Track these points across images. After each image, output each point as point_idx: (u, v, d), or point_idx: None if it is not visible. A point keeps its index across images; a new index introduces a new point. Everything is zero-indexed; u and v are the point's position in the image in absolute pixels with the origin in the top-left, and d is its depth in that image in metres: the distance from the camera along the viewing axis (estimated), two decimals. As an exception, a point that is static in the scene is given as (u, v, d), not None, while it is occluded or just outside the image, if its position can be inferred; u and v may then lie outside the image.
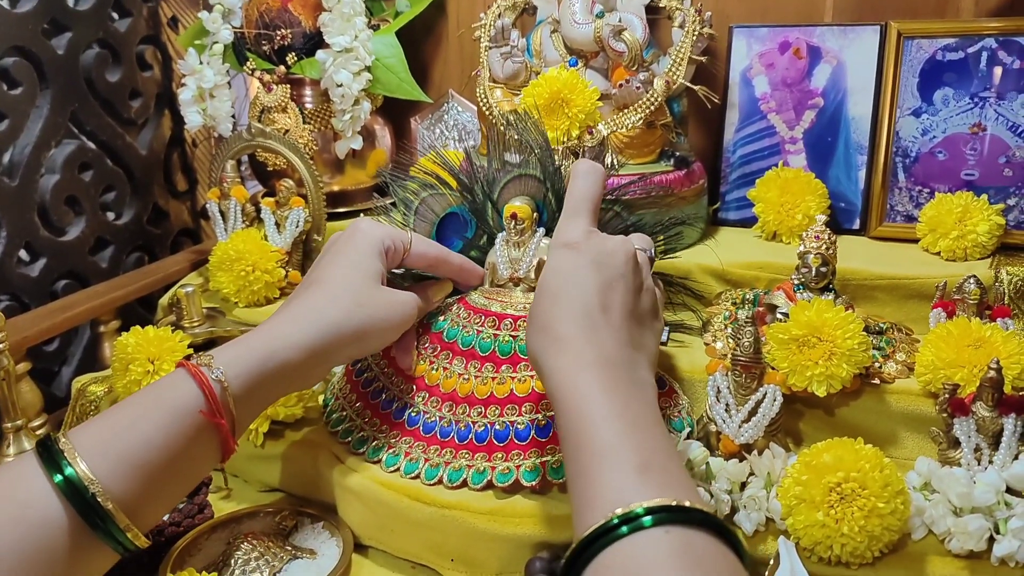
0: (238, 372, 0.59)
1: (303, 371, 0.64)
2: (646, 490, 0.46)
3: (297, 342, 0.62)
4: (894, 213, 1.00)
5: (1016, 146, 0.93)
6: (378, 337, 0.69)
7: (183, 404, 0.57)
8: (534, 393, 0.68)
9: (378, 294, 0.69)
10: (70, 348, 1.18)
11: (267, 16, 1.13)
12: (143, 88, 1.28)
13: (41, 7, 1.09)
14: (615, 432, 0.50)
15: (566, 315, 0.57)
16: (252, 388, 0.60)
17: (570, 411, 0.53)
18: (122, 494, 0.53)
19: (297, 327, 0.63)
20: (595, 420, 0.51)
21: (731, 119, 1.08)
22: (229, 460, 0.78)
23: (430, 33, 1.29)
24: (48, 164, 1.12)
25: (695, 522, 0.45)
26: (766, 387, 0.69)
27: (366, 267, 0.69)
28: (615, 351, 0.56)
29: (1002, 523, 0.61)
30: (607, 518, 0.45)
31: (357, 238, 0.70)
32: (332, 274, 0.68)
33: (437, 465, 0.68)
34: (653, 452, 0.49)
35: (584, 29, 0.97)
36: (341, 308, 0.65)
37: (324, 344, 0.64)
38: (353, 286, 0.67)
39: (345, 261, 0.69)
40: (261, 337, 0.62)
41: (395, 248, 0.72)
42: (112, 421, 0.56)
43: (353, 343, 0.66)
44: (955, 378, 0.69)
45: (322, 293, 0.66)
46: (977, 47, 0.95)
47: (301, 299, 0.66)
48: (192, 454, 0.57)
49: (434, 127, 1.26)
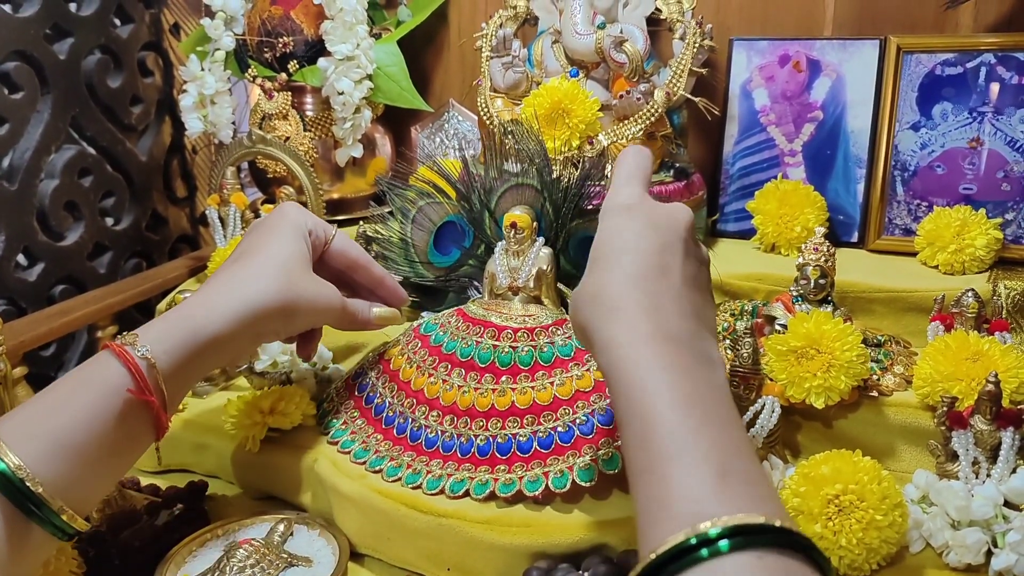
0: (165, 348, 0.58)
1: (232, 344, 0.62)
2: (727, 502, 0.40)
3: (224, 314, 0.61)
4: (892, 226, 1.00)
5: (1014, 161, 0.94)
6: (304, 318, 0.69)
7: (109, 384, 0.56)
8: (535, 405, 0.68)
9: (307, 275, 0.68)
10: (67, 353, 1.18)
11: (269, 23, 1.13)
12: (144, 94, 1.29)
13: (44, 12, 1.09)
14: (687, 426, 0.43)
15: (621, 280, 0.51)
16: (181, 363, 0.59)
17: (631, 394, 0.46)
18: (54, 478, 0.52)
19: (225, 299, 0.62)
20: (661, 409, 0.44)
21: (731, 131, 1.09)
22: (228, 469, 0.79)
23: (431, 42, 1.30)
24: (48, 169, 1.12)
25: (782, 544, 0.39)
26: (764, 399, 0.69)
27: (296, 247, 0.68)
28: (678, 322, 0.49)
29: (1000, 537, 0.61)
30: (686, 535, 0.39)
31: (286, 220, 0.69)
32: (263, 249, 0.67)
33: (440, 477, 0.68)
34: (733, 453, 0.43)
35: (585, 40, 0.97)
36: (272, 282, 0.64)
37: (253, 316, 0.62)
38: (285, 262, 0.66)
39: (276, 238, 0.68)
40: (188, 310, 0.61)
41: (317, 237, 0.71)
42: (39, 405, 0.55)
43: (280, 319, 0.65)
44: (953, 391, 0.69)
45: (253, 265, 0.65)
46: (976, 62, 0.95)
47: (230, 271, 0.65)
48: (124, 433, 0.56)
49: (434, 136, 1.26)
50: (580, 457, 0.65)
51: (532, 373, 0.69)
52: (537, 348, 0.70)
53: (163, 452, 0.82)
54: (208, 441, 0.81)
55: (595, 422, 0.66)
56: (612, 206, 0.56)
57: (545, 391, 0.68)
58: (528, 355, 0.70)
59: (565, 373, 0.69)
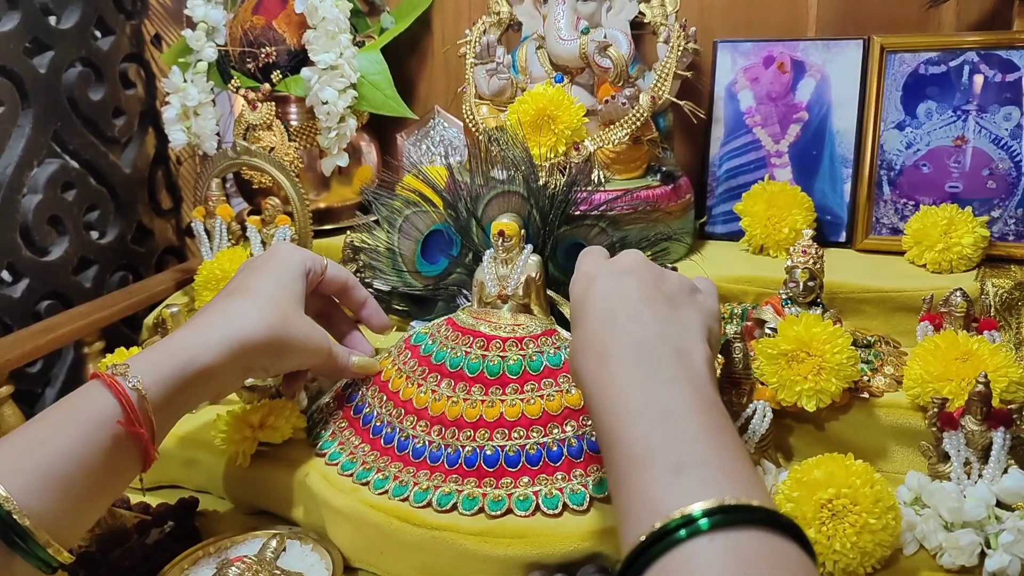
0: (156, 379, 0.58)
1: (221, 377, 0.63)
2: (681, 495, 0.41)
3: (215, 347, 0.61)
4: (880, 226, 1.01)
5: (999, 158, 0.94)
6: (294, 357, 0.69)
7: (99, 415, 0.55)
8: (524, 418, 0.67)
9: (299, 315, 0.69)
10: (54, 369, 1.17)
11: (251, 34, 1.13)
12: (126, 106, 1.28)
13: (23, 26, 1.08)
14: (644, 430, 0.46)
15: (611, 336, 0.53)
16: (171, 395, 0.59)
17: (606, 414, 0.49)
18: (40, 510, 0.51)
19: (218, 333, 0.62)
20: (624, 418, 0.47)
21: (717, 133, 1.09)
22: (219, 484, 0.78)
23: (415, 50, 1.29)
24: (30, 184, 1.11)
25: (763, 522, 0.39)
26: (756, 403, 0.69)
27: (292, 287, 0.69)
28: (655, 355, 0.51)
29: (993, 538, 0.61)
30: (664, 521, 0.40)
31: (281, 259, 0.71)
32: (257, 286, 0.67)
33: (427, 489, 0.67)
34: (684, 446, 0.44)
35: (569, 45, 0.97)
36: (265, 319, 0.65)
37: (243, 350, 0.63)
38: (279, 300, 0.67)
39: (271, 276, 0.69)
40: (180, 342, 0.61)
41: (314, 271, 0.74)
42: (27, 436, 0.54)
43: (270, 355, 0.66)
44: (943, 392, 0.70)
45: (247, 301, 0.66)
46: (959, 61, 0.96)
47: (223, 305, 0.66)
48: (112, 465, 0.56)
49: (420, 143, 1.26)
50: (570, 481, 0.65)
51: (521, 384, 0.69)
52: (526, 358, 0.70)
53: (152, 468, 0.81)
54: (198, 456, 0.81)
55: (584, 446, 0.66)
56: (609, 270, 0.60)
57: (534, 404, 0.68)
58: (517, 364, 0.69)
59: (555, 386, 0.68)
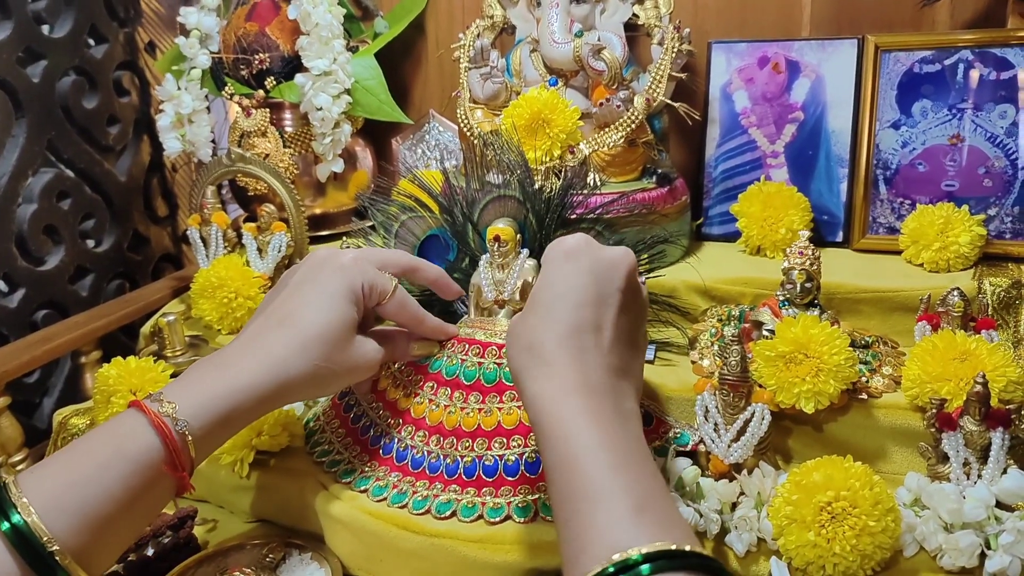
0: (201, 422, 0.57)
1: (260, 412, 0.62)
2: (642, 533, 0.44)
3: (260, 389, 0.59)
4: (876, 225, 1.00)
5: (994, 156, 0.94)
6: (335, 387, 0.68)
7: (145, 456, 0.55)
8: (522, 425, 0.67)
9: (349, 347, 0.64)
10: (51, 379, 1.17)
11: (245, 40, 1.13)
12: (121, 114, 1.27)
13: (16, 35, 1.08)
14: (606, 470, 0.48)
15: (556, 334, 0.55)
16: (211, 434, 0.58)
17: (556, 443, 0.50)
18: (78, 547, 0.51)
19: (261, 373, 0.60)
20: (584, 456, 0.49)
21: (712, 134, 1.08)
22: (217, 493, 0.78)
23: (409, 54, 1.29)
24: (25, 193, 1.11)
25: (694, 567, 0.43)
26: (754, 406, 0.69)
27: (343, 315, 0.64)
28: (601, 378, 0.54)
29: (993, 539, 0.61)
30: (603, 565, 0.43)
31: (337, 276, 0.65)
32: (305, 316, 0.63)
33: (426, 498, 0.67)
34: (647, 492, 0.47)
35: (563, 48, 0.97)
36: (310, 360, 0.61)
37: (288, 390, 0.61)
38: (327, 337, 0.62)
39: (321, 303, 0.63)
40: (224, 380, 0.59)
41: (371, 295, 0.66)
42: (69, 470, 0.53)
43: (311, 388, 0.64)
44: (942, 392, 0.69)
45: (293, 337, 0.62)
46: (954, 59, 0.95)
47: (268, 338, 0.62)
48: (149, 501, 0.56)
49: (416, 148, 1.25)
50: None
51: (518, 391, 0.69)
52: (523, 364, 0.70)
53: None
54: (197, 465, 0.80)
55: None
56: (556, 252, 0.59)
57: None
58: None
59: None
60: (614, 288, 0.58)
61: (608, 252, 0.59)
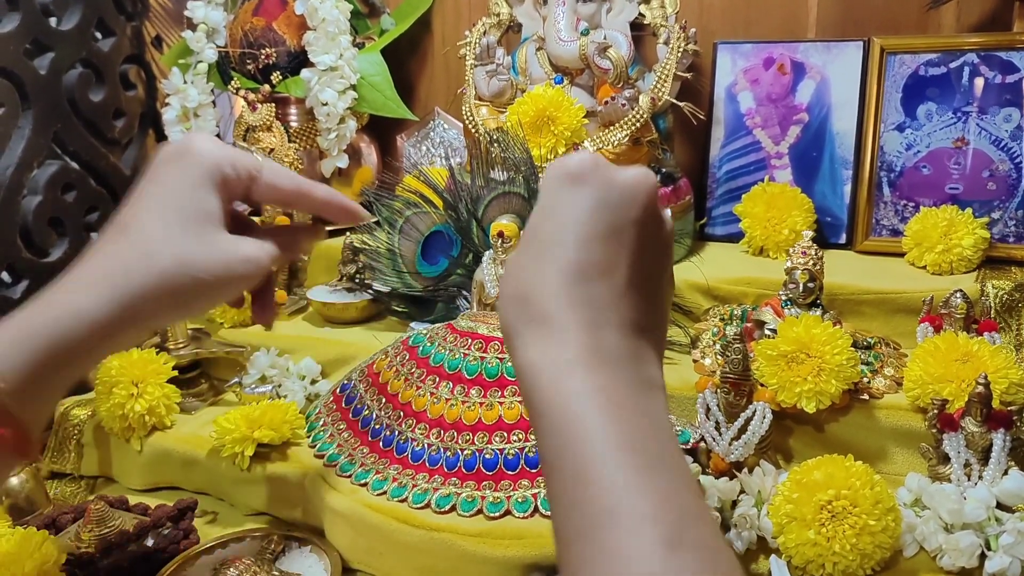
0: (15, 366, 0.46)
1: (105, 346, 0.50)
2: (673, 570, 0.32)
3: (96, 313, 0.48)
4: (880, 227, 1.00)
5: (999, 160, 0.94)
6: (208, 300, 0.53)
7: None
8: (522, 420, 0.67)
9: (209, 247, 0.51)
10: (53, 371, 1.17)
11: (251, 35, 1.13)
12: (127, 108, 1.27)
13: (23, 27, 1.08)
14: (626, 474, 0.35)
15: (555, 281, 0.41)
16: (39, 380, 0.47)
17: (556, 432, 0.37)
18: None
19: (93, 296, 0.48)
20: (594, 453, 0.36)
21: (717, 135, 1.08)
22: (217, 486, 0.78)
23: (415, 51, 1.29)
24: (31, 185, 1.11)
25: None
26: (755, 404, 0.69)
27: (193, 208, 0.51)
28: (615, 339, 0.40)
29: (993, 539, 0.61)
30: None
31: (184, 164, 0.52)
32: (145, 218, 0.50)
33: (425, 491, 0.67)
34: (682, 509, 0.35)
35: (569, 47, 0.97)
36: (154, 268, 0.49)
37: (131, 313, 0.49)
38: (173, 237, 0.50)
39: (164, 199, 0.51)
40: (44, 313, 0.48)
41: (238, 176, 0.53)
42: None
43: (171, 309, 0.51)
44: (943, 393, 0.69)
45: (129, 246, 0.49)
46: (959, 62, 0.95)
47: (101, 254, 0.50)
48: None
49: (420, 144, 1.26)
50: None
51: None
52: (525, 359, 0.70)
53: (151, 469, 0.82)
54: (197, 458, 0.81)
55: None
56: (557, 173, 0.43)
57: None
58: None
59: None
60: (630, 219, 0.42)
61: (623, 174, 0.43)
